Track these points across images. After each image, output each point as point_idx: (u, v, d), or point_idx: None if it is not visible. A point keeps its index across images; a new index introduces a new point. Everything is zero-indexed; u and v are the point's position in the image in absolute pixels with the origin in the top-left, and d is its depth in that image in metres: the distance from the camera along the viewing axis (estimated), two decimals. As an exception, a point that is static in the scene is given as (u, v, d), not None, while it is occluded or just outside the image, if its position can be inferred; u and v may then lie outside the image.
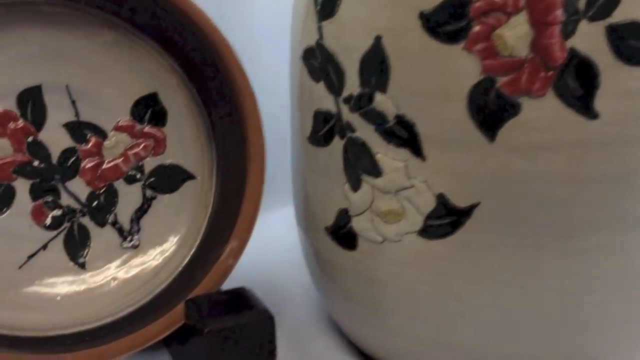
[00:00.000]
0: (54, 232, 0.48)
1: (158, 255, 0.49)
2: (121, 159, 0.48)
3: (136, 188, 0.49)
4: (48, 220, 0.48)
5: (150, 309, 0.47)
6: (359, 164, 0.41)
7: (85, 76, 0.48)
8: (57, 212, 0.48)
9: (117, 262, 0.49)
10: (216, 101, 0.47)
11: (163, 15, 0.45)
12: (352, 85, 0.40)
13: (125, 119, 0.48)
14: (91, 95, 0.48)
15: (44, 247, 0.48)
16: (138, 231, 0.49)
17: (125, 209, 0.49)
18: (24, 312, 0.46)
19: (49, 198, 0.48)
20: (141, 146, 0.48)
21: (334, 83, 0.41)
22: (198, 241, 0.49)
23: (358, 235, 0.43)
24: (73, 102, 0.48)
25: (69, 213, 0.48)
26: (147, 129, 0.49)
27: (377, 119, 0.40)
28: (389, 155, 0.40)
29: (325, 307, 0.52)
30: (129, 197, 0.49)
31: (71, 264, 0.48)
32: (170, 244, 0.49)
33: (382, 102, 0.40)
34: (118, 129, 0.48)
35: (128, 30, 0.48)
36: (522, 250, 0.39)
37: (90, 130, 0.48)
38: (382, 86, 0.39)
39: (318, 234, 0.46)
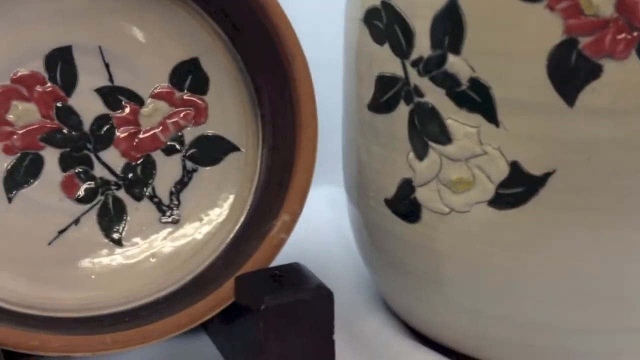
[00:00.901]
0: (87, 206, 0.48)
1: (200, 231, 0.49)
2: (159, 128, 0.49)
3: (176, 160, 0.49)
4: (80, 193, 0.48)
5: (194, 287, 0.47)
6: (427, 131, 0.43)
7: (120, 38, 0.48)
8: (90, 184, 0.48)
9: (156, 238, 0.49)
10: (263, 68, 0.48)
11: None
12: (422, 46, 0.42)
13: (163, 85, 0.48)
14: (126, 58, 0.48)
15: (76, 221, 0.48)
16: (178, 205, 0.49)
17: (164, 181, 0.49)
18: (56, 291, 0.47)
19: (81, 169, 0.48)
20: (181, 115, 0.49)
21: (402, 45, 0.42)
22: (243, 216, 0.49)
23: (422, 206, 0.44)
24: (107, 66, 0.48)
25: (103, 185, 0.48)
26: (187, 96, 0.49)
27: (448, 83, 0.41)
28: (460, 121, 0.42)
29: (374, 285, 0.53)
30: (167, 169, 0.49)
31: (106, 240, 0.48)
32: (213, 219, 0.49)
33: (455, 64, 0.41)
34: (156, 96, 0.49)
35: (170, -10, 0.48)
36: (595, 221, 0.41)
37: (125, 97, 0.48)
38: (456, 47, 0.41)
39: (375, 206, 0.47)
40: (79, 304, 0.46)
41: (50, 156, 0.47)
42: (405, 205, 0.45)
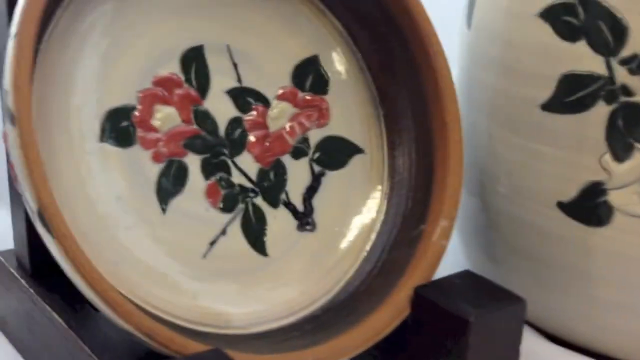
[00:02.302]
0: (230, 215, 0.51)
1: (338, 238, 0.53)
2: (286, 130, 0.52)
3: (303, 163, 0.53)
4: (223, 202, 0.50)
5: (350, 298, 0.51)
6: (635, 132, 0.47)
7: (244, 35, 0.52)
8: (230, 192, 0.50)
9: (297, 247, 0.52)
10: (388, 66, 0.53)
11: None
12: (638, 43, 0.46)
13: (286, 85, 0.53)
14: (251, 57, 0.52)
15: (223, 232, 0.50)
16: (312, 212, 0.53)
17: (295, 187, 0.53)
18: (222, 306, 0.48)
19: (221, 175, 0.50)
20: (305, 116, 0.53)
21: (608, 42, 0.47)
22: (381, 221, 0.54)
23: (615, 209, 0.49)
24: (235, 65, 0.51)
25: (242, 193, 0.51)
26: (309, 97, 0.53)
27: None
28: None
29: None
30: (297, 173, 0.53)
31: (252, 250, 0.51)
32: (348, 225, 0.54)
33: None
34: (280, 97, 0.53)
35: (292, -15, 0.53)
36: None
37: (253, 98, 0.52)
38: None
39: (537, 208, 0.52)
40: (247, 320, 0.49)
41: (193, 163, 0.50)
42: (590, 209, 0.50)
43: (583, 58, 0.48)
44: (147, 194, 0.48)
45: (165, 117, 0.49)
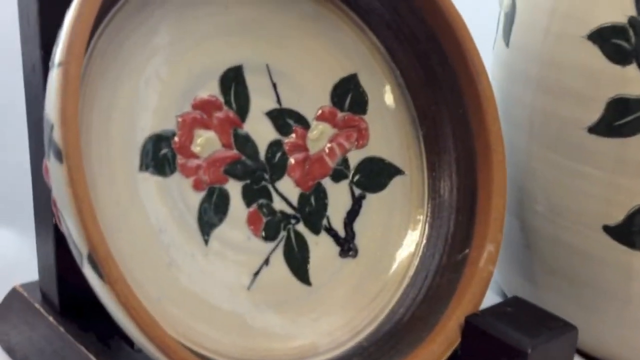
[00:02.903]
0: (273, 244, 0.48)
1: (380, 264, 0.51)
2: (326, 152, 0.50)
3: (343, 186, 0.51)
4: (265, 230, 0.47)
5: (395, 328, 0.49)
6: None
7: (283, 54, 0.50)
8: (271, 219, 0.48)
9: (340, 275, 0.50)
10: (428, 85, 0.51)
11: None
12: None
13: (325, 105, 0.50)
14: (290, 76, 0.50)
15: (266, 261, 0.48)
16: (353, 237, 0.51)
17: (336, 211, 0.51)
18: (266, 342, 0.46)
19: (262, 202, 0.47)
20: (345, 137, 0.50)
21: None
22: (423, 246, 0.51)
23: None
24: (274, 85, 0.49)
25: (284, 219, 0.48)
26: (348, 116, 0.51)
27: None
28: None
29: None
30: (337, 197, 0.51)
31: (295, 279, 0.48)
32: (390, 250, 0.52)
33: None
34: (320, 117, 0.50)
35: (331, 1, 0.50)
36: None
37: (293, 119, 0.49)
38: None
39: (581, 230, 0.51)
40: (292, 355, 0.46)
41: (234, 190, 0.47)
42: (637, 232, 0.49)
43: (633, 82, 0.47)
44: (189, 225, 0.45)
45: (206, 142, 0.46)
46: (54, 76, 0.37)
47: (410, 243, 0.52)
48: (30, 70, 0.45)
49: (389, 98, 0.53)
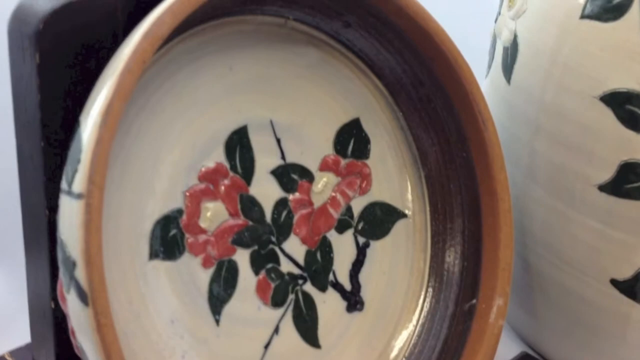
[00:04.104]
0: (282, 310, 0.46)
1: (386, 314, 0.49)
2: (330, 204, 0.47)
3: (348, 236, 0.48)
4: (273, 296, 0.45)
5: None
6: None
7: (287, 106, 0.47)
8: (280, 283, 0.45)
9: (348, 330, 0.48)
10: (432, 127, 0.49)
11: (381, 28, 0.45)
12: None
13: (328, 154, 0.47)
14: (294, 128, 0.47)
15: (276, 330, 0.45)
16: (359, 289, 0.49)
17: (341, 264, 0.48)
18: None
19: (270, 267, 0.45)
20: (348, 185, 0.48)
21: None
22: (430, 295, 0.50)
23: None
24: (278, 141, 0.46)
25: (292, 282, 0.46)
26: (351, 163, 0.48)
27: None
28: None
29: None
30: (342, 248, 0.48)
31: (305, 344, 0.47)
32: (395, 299, 0.50)
33: None
34: (324, 167, 0.48)
35: (334, 47, 0.47)
36: None
37: (297, 174, 0.47)
38: None
39: (588, 280, 0.50)
40: None
41: (242, 259, 0.44)
42: None
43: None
44: (200, 308, 0.43)
45: (214, 214, 0.43)
46: (76, 208, 0.33)
47: (416, 290, 0.50)
48: (28, 159, 0.41)
49: (391, 140, 0.50)
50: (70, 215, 0.34)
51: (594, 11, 0.46)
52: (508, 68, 0.52)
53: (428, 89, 0.48)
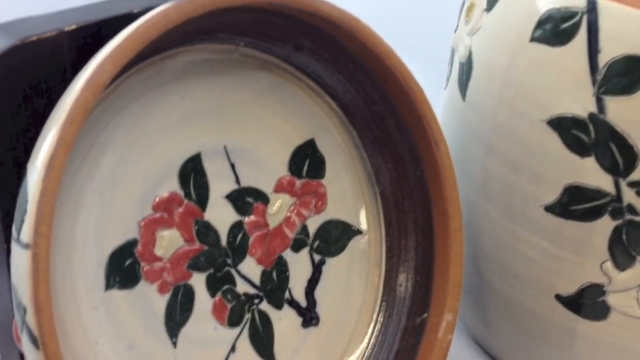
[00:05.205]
0: (238, 329, 0.47)
1: (340, 329, 0.50)
2: (285, 225, 0.48)
3: (303, 255, 0.49)
4: (229, 317, 0.46)
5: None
6: (638, 247, 0.46)
7: (241, 132, 0.47)
8: (236, 304, 0.46)
9: (304, 346, 0.49)
10: (385, 144, 0.49)
11: (333, 52, 0.46)
12: None
13: (283, 175, 0.48)
14: (248, 153, 0.47)
15: (233, 349, 0.47)
16: (315, 305, 0.50)
17: (297, 282, 0.49)
18: None
19: (226, 288, 0.46)
20: (303, 205, 0.49)
21: (617, 164, 0.44)
22: (383, 309, 0.51)
23: (612, 309, 0.48)
24: (232, 166, 0.46)
25: (247, 302, 0.47)
26: (306, 182, 0.49)
27: None
28: None
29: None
30: (298, 267, 0.49)
31: (261, 360, 0.47)
32: (351, 314, 0.51)
33: None
34: (279, 189, 0.48)
35: (287, 70, 0.47)
36: None
37: (252, 197, 0.47)
38: None
39: (535, 295, 0.51)
40: None
41: (198, 282, 0.45)
42: (588, 305, 0.48)
43: (591, 173, 0.45)
44: (157, 332, 0.44)
45: (169, 241, 0.44)
46: (24, 258, 0.34)
47: (370, 304, 0.51)
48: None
49: (346, 159, 0.51)
50: (19, 263, 0.35)
51: (543, 35, 0.46)
52: (463, 84, 0.53)
53: (381, 109, 0.48)
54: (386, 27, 0.52)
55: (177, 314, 0.44)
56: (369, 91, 0.48)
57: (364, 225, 0.51)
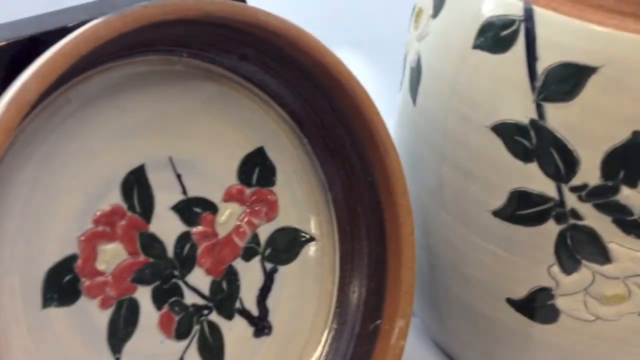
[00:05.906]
0: (187, 341, 0.46)
1: (294, 337, 0.50)
2: (235, 234, 0.48)
3: (255, 263, 0.49)
4: (177, 329, 0.46)
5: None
6: (582, 251, 0.45)
7: (187, 142, 0.46)
8: (184, 316, 0.46)
9: (257, 357, 0.49)
10: (337, 152, 0.49)
11: (279, 60, 0.45)
12: (588, 175, 0.43)
13: (232, 184, 0.47)
14: (195, 163, 0.47)
15: (180, 361, 0.46)
16: (267, 314, 0.49)
17: (248, 291, 0.49)
18: None
19: (173, 301, 0.45)
20: (253, 214, 0.48)
21: (559, 169, 0.44)
22: (337, 315, 0.50)
23: (561, 312, 0.48)
24: (178, 177, 0.46)
25: (196, 313, 0.46)
26: (256, 191, 0.48)
27: (617, 212, 0.43)
28: (626, 246, 0.44)
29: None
30: (249, 276, 0.49)
31: (212, 374, 0.47)
32: (303, 321, 0.50)
33: (630, 196, 0.43)
34: (228, 198, 0.48)
35: (233, 80, 0.47)
36: None
37: (200, 207, 0.47)
38: (633, 181, 0.43)
39: (489, 300, 0.50)
40: None
41: (143, 296, 0.45)
42: (538, 308, 0.48)
43: (534, 179, 0.45)
44: (99, 348, 0.43)
45: (112, 255, 0.43)
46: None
47: (324, 311, 0.51)
48: None
49: (297, 165, 0.50)
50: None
51: (484, 42, 0.45)
52: (414, 89, 0.52)
53: (330, 116, 0.48)
54: (349, 28, 0.51)
55: (121, 328, 0.44)
56: (317, 99, 0.47)
57: (316, 232, 0.51)
